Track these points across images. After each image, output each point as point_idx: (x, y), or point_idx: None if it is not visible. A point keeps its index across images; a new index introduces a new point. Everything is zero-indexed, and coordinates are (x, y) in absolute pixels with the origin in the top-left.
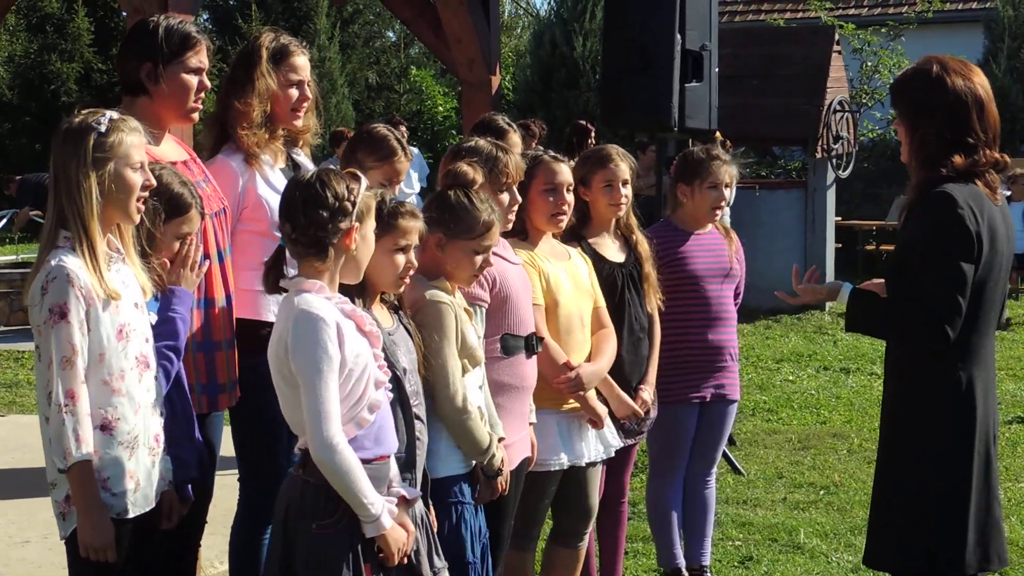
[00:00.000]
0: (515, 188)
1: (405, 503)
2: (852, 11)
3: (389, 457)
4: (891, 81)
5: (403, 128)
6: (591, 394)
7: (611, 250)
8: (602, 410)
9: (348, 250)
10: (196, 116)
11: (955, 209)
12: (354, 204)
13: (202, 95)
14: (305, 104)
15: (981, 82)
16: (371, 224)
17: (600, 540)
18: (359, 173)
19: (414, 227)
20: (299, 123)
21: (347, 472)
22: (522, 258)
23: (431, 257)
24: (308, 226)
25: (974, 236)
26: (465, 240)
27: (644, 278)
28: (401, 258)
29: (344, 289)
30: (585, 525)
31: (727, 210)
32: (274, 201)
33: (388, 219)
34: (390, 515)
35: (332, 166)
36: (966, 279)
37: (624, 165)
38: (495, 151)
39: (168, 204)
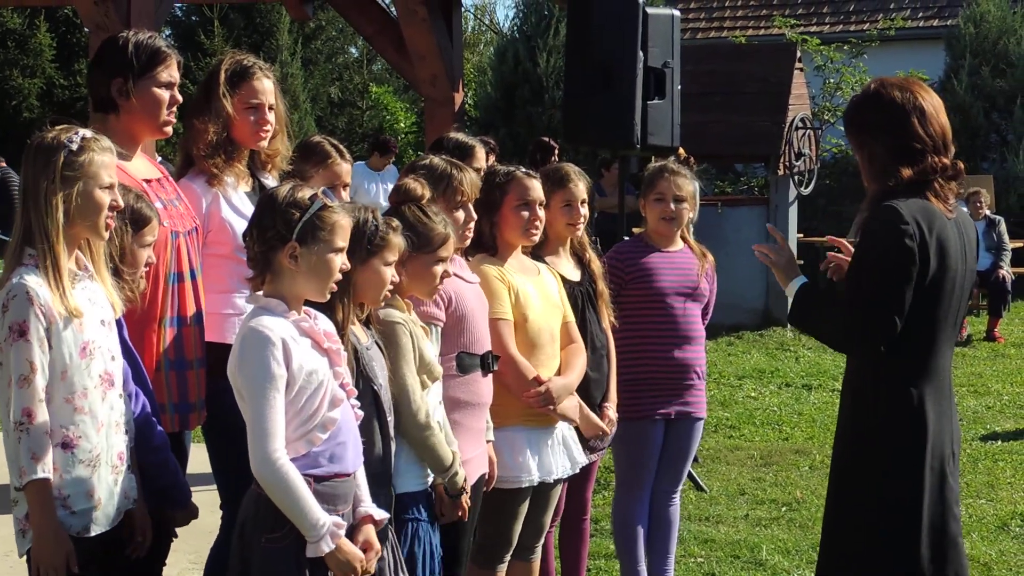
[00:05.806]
0: (470, 205)
1: (373, 523)
2: (814, 28)
3: (350, 476)
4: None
5: (395, 151)
6: (564, 405)
7: (567, 268)
8: (574, 415)
9: (285, 267)
10: (169, 130)
11: (899, 224)
12: (291, 223)
13: (174, 109)
14: (266, 128)
15: (923, 94)
16: (330, 245)
17: (562, 557)
18: (319, 193)
19: (401, 243)
20: (263, 145)
21: (286, 489)
22: (492, 273)
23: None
24: (256, 241)
25: (917, 252)
26: (426, 254)
27: (598, 295)
28: (390, 272)
29: (327, 304)
30: (537, 540)
31: (689, 227)
32: (237, 224)
33: (381, 235)
34: (332, 538)
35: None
36: (904, 295)
37: (582, 184)
38: (449, 168)
39: (131, 218)
